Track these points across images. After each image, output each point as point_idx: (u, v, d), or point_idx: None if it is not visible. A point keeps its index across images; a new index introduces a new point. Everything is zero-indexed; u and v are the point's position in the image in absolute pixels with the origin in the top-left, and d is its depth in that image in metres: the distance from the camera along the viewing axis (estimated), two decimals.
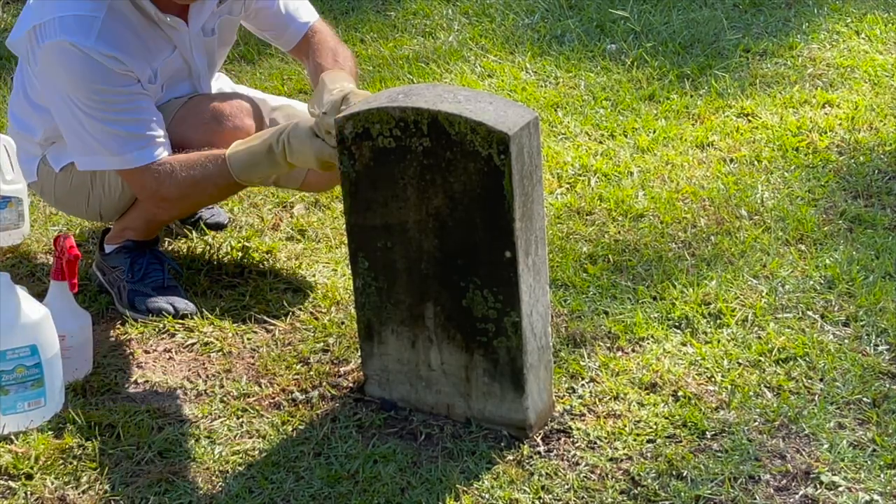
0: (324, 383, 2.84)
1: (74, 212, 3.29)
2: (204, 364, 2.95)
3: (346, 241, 2.89)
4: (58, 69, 2.89)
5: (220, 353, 2.98)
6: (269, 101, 3.32)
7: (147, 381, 2.89)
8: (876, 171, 3.65)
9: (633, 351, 2.91)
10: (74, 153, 3.00)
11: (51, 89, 2.94)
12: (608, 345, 2.93)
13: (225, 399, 2.81)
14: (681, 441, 2.60)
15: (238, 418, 2.74)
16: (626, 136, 3.95)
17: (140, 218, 3.17)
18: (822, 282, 3.12)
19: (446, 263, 2.55)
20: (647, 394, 2.75)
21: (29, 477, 2.58)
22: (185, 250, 3.42)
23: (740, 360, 2.84)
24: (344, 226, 2.78)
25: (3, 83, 4.51)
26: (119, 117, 2.91)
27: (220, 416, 2.75)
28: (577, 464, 2.56)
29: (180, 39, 3.04)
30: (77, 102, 2.89)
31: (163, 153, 2.94)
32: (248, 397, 2.81)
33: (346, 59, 3.18)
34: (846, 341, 2.89)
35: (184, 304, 3.11)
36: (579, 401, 2.73)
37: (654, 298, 3.09)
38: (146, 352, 3.00)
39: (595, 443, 2.61)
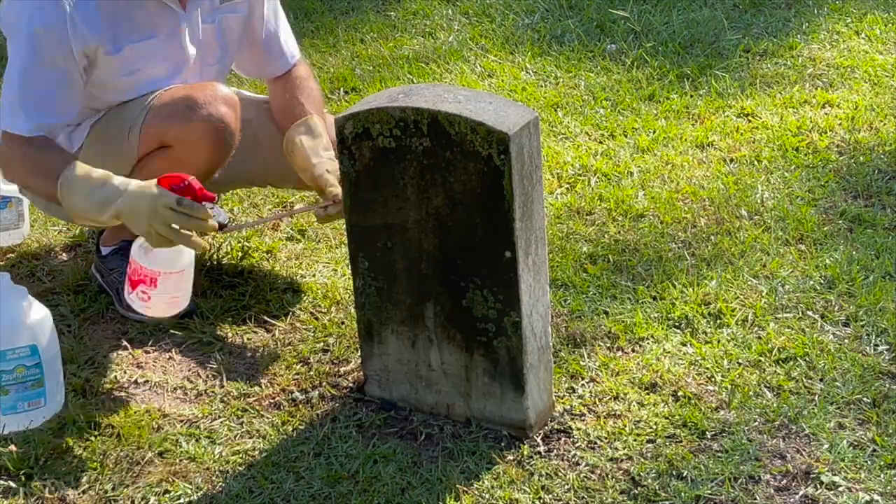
0: (324, 383, 2.84)
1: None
2: (204, 364, 2.95)
3: (346, 241, 2.89)
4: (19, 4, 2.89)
5: (220, 353, 2.98)
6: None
7: (147, 381, 2.89)
8: (876, 171, 3.65)
9: (633, 351, 2.91)
10: None
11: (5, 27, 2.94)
12: (608, 345, 2.93)
13: (225, 399, 2.81)
14: (681, 441, 2.60)
15: (238, 418, 2.74)
16: (626, 136, 3.95)
17: None
18: (822, 282, 3.12)
19: (446, 263, 2.56)
20: (647, 394, 2.75)
21: (29, 477, 2.58)
22: None
23: (740, 360, 2.84)
24: (344, 225, 2.78)
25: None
26: (30, 77, 2.89)
27: (220, 416, 2.75)
28: (577, 464, 2.56)
29: (174, 22, 3.00)
30: (16, 49, 2.89)
31: (32, 131, 2.88)
32: (248, 397, 2.81)
33: (315, 95, 3.18)
34: (846, 341, 2.89)
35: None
36: (579, 401, 2.73)
37: (654, 298, 3.09)
38: (146, 352, 3.00)
39: (595, 443, 2.61)
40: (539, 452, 2.59)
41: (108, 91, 3.01)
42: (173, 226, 2.66)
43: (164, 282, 2.81)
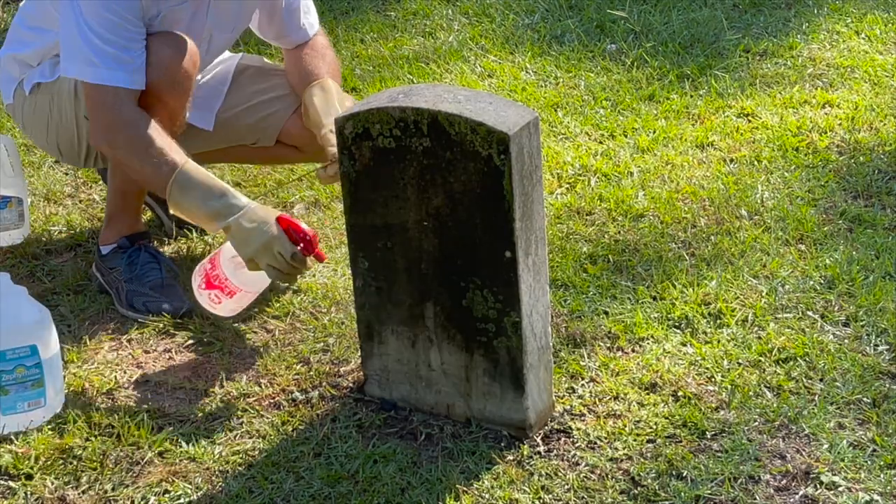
0: (324, 383, 2.84)
1: (39, 141, 3.31)
2: (204, 364, 2.95)
3: (346, 241, 2.89)
4: None
5: (220, 353, 2.98)
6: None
7: (147, 381, 2.89)
8: (876, 171, 3.65)
9: (633, 351, 2.91)
10: (64, 60, 2.99)
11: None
12: (608, 345, 2.93)
13: (225, 399, 2.81)
14: (681, 441, 2.60)
15: (238, 418, 2.74)
16: (626, 136, 3.95)
17: (115, 195, 3.20)
18: (822, 282, 3.12)
19: (446, 263, 2.55)
20: (647, 394, 2.75)
21: (29, 477, 2.58)
22: (185, 250, 3.42)
23: (740, 360, 2.84)
24: (344, 226, 2.78)
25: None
26: (112, 37, 2.90)
27: (220, 416, 2.75)
28: (577, 464, 2.56)
29: None
30: (83, 9, 2.89)
31: (134, 85, 2.92)
32: (248, 397, 2.81)
33: (332, 62, 3.30)
34: (846, 341, 2.89)
35: (182, 304, 3.11)
36: (579, 401, 2.73)
37: (654, 298, 3.09)
38: (146, 352, 3.00)
39: (595, 443, 2.61)
40: (539, 452, 2.59)
41: None
42: (275, 267, 2.82)
43: (240, 297, 2.99)
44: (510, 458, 2.57)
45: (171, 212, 3.00)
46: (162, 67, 2.95)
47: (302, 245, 2.82)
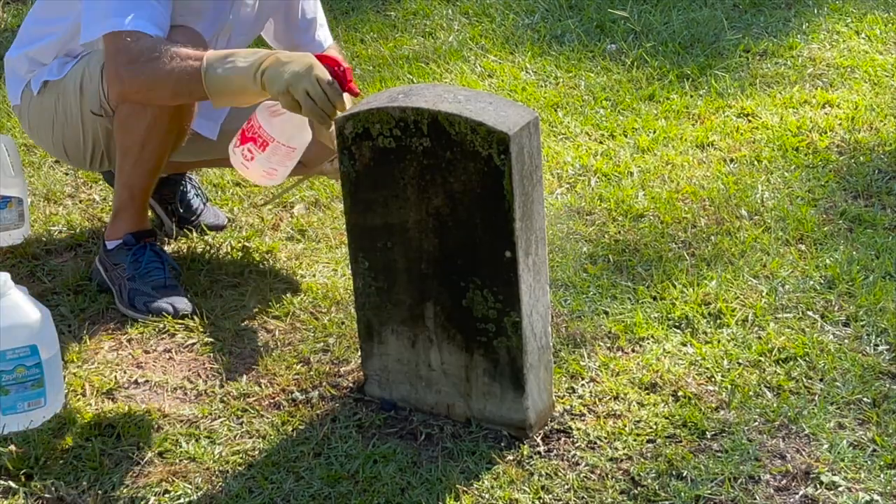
0: (324, 383, 2.84)
1: (45, 143, 3.30)
2: (204, 364, 2.95)
3: (346, 241, 2.89)
4: None
5: (220, 353, 2.98)
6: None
7: (147, 381, 2.89)
8: (876, 171, 3.66)
9: (633, 351, 2.91)
10: (86, 27, 2.97)
11: None
12: (608, 345, 2.93)
13: (225, 399, 2.81)
14: (681, 441, 2.60)
15: (238, 418, 2.74)
16: (626, 136, 3.95)
17: (122, 191, 3.17)
18: (822, 282, 3.12)
19: (446, 263, 2.55)
20: (647, 394, 2.75)
21: (29, 477, 2.58)
22: (185, 250, 3.42)
23: (740, 360, 2.84)
24: (344, 226, 2.78)
25: (3, 83, 4.51)
26: None
27: (220, 416, 2.75)
28: (577, 464, 2.56)
29: None
30: None
31: (155, 30, 2.89)
32: (248, 397, 2.81)
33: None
34: (846, 341, 2.89)
35: (183, 304, 3.11)
36: (579, 401, 2.73)
37: (654, 298, 3.09)
38: (146, 352, 3.00)
39: (595, 443, 2.61)
40: (539, 452, 2.59)
41: None
42: (311, 95, 2.70)
43: (273, 150, 2.88)
44: (510, 458, 2.57)
45: (216, 105, 2.94)
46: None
47: (336, 76, 2.73)
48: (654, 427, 2.64)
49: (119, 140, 3.09)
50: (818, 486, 2.47)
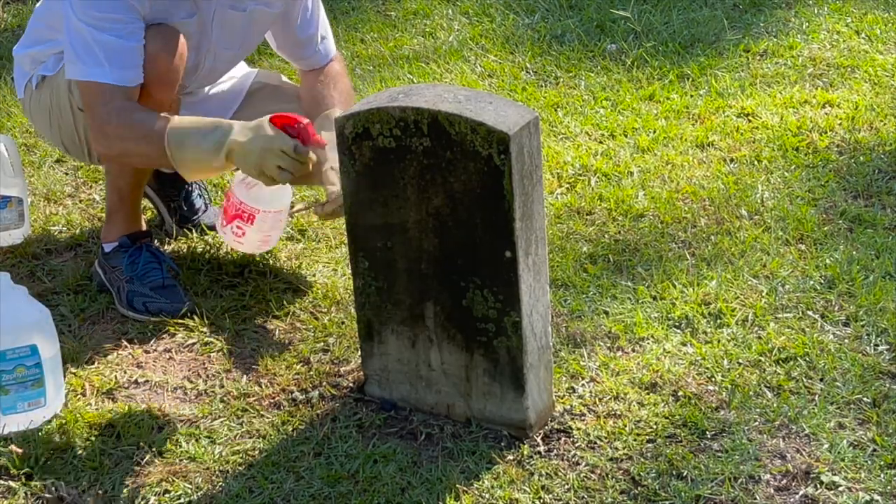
0: (324, 383, 2.84)
1: (45, 134, 3.31)
2: (204, 364, 2.95)
3: (346, 241, 2.89)
4: None
5: (220, 353, 2.98)
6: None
7: (147, 381, 2.89)
8: (876, 171, 3.65)
9: (633, 351, 2.91)
10: (66, 61, 2.99)
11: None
12: (608, 345, 2.93)
13: (225, 399, 2.81)
14: (681, 441, 2.60)
15: (238, 418, 2.74)
16: (626, 136, 3.95)
17: (112, 194, 3.20)
18: (822, 282, 3.12)
19: (446, 263, 2.55)
20: (648, 394, 2.75)
21: (29, 477, 2.58)
22: (185, 250, 3.42)
23: (740, 360, 2.84)
24: (344, 225, 2.78)
25: (4, 83, 4.51)
26: (103, 36, 2.89)
27: (220, 416, 2.75)
28: (577, 464, 2.56)
29: (206, 5, 3.03)
30: (77, 10, 2.90)
31: (126, 83, 2.91)
32: (248, 397, 2.81)
33: (346, 91, 3.25)
34: (846, 341, 2.89)
35: (182, 304, 3.11)
36: (579, 401, 2.73)
37: (654, 298, 3.09)
38: (146, 352, 3.00)
39: (595, 443, 2.61)
40: (539, 452, 2.59)
41: None
42: (283, 168, 2.76)
43: (261, 220, 2.93)
44: (510, 457, 2.57)
45: (189, 179, 2.99)
46: (148, 61, 2.94)
47: (298, 136, 2.76)
48: (655, 427, 2.64)
49: None
50: (818, 485, 2.47)
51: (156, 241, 3.44)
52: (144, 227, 3.27)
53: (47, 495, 2.53)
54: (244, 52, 3.28)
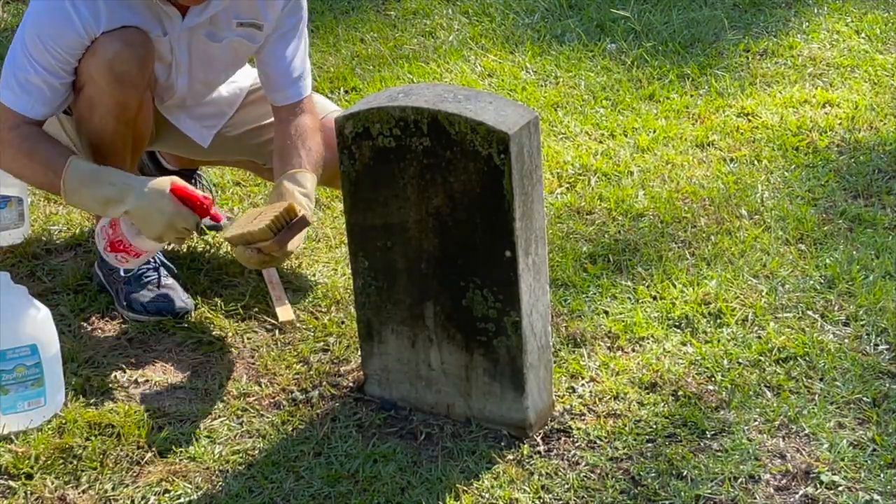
0: (324, 383, 2.84)
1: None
2: (204, 364, 2.95)
3: (346, 241, 2.89)
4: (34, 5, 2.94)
5: (220, 353, 2.98)
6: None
7: (147, 381, 2.89)
8: (876, 171, 3.65)
9: (633, 350, 2.91)
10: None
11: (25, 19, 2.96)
12: (608, 344, 2.93)
13: (225, 399, 2.81)
14: (681, 441, 2.60)
15: (238, 418, 2.74)
16: (626, 136, 3.95)
17: None
18: (822, 281, 3.12)
19: (446, 263, 2.55)
20: (647, 393, 2.75)
21: (29, 477, 2.58)
22: (185, 250, 3.42)
23: (740, 360, 2.84)
24: (344, 225, 2.78)
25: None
26: (36, 66, 2.89)
27: (220, 416, 2.75)
28: (577, 463, 2.56)
29: (172, 28, 3.01)
30: (25, 32, 2.91)
31: (31, 113, 2.91)
32: (248, 397, 2.81)
33: (316, 152, 3.10)
34: (846, 341, 2.89)
35: (182, 304, 3.11)
36: (579, 400, 2.73)
37: (654, 298, 3.09)
38: (146, 352, 3.00)
39: (595, 442, 2.61)
40: (539, 452, 2.59)
41: None
42: (179, 238, 2.87)
43: (145, 257, 2.98)
44: (510, 457, 2.57)
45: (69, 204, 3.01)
46: (104, 60, 2.90)
47: (197, 211, 2.83)
48: (654, 427, 2.64)
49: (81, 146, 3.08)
50: (818, 485, 2.47)
51: None
52: None
53: (47, 495, 2.53)
54: (226, 76, 3.22)
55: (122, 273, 3.13)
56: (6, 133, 2.93)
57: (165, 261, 3.24)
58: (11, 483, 2.56)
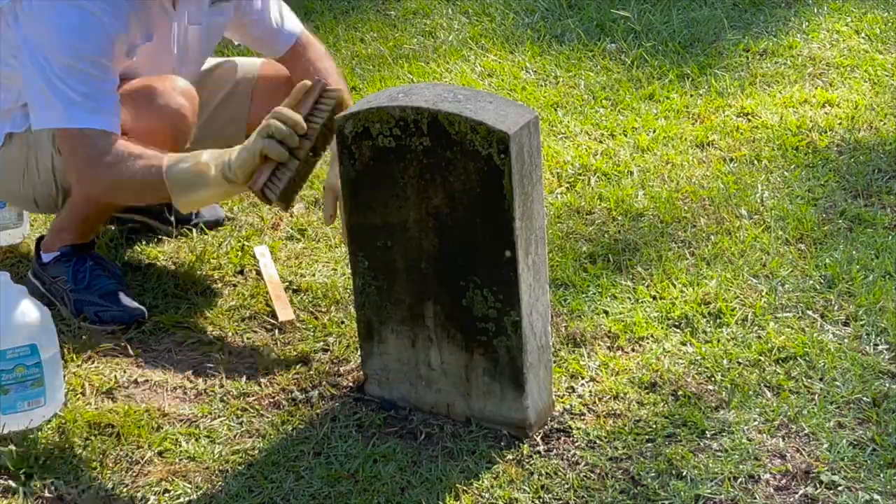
0: (324, 383, 2.84)
1: (12, 194, 3.20)
2: (204, 364, 2.95)
3: (346, 241, 2.89)
4: (42, 22, 2.84)
5: (220, 352, 2.98)
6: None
7: (147, 381, 2.89)
8: (876, 171, 3.66)
9: (633, 350, 2.91)
10: (32, 111, 2.91)
11: (27, 44, 2.86)
12: (608, 344, 2.93)
13: (225, 399, 2.81)
14: (680, 440, 2.60)
15: (238, 418, 2.75)
16: (625, 136, 3.95)
17: (75, 216, 3.10)
18: (821, 281, 3.12)
19: (446, 263, 2.55)
20: (647, 393, 2.75)
21: (29, 477, 2.58)
22: (185, 249, 3.42)
23: (740, 360, 2.84)
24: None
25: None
26: (81, 83, 2.83)
27: (220, 416, 2.75)
28: (577, 463, 2.56)
29: (166, 22, 3.00)
30: (48, 58, 2.82)
31: (107, 127, 2.83)
32: (248, 397, 2.81)
33: (334, 70, 3.26)
34: (846, 341, 2.89)
35: (134, 310, 3.06)
36: (579, 400, 2.73)
37: (654, 298, 3.09)
38: (146, 351, 3.00)
39: (595, 442, 2.61)
40: (539, 452, 2.59)
41: None
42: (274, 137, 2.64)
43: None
44: (510, 457, 2.57)
45: (184, 211, 2.89)
46: (167, 116, 2.92)
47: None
48: (654, 426, 2.64)
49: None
50: (818, 485, 2.47)
51: (155, 240, 3.45)
52: (89, 239, 3.17)
53: (47, 495, 2.53)
54: (200, 66, 3.25)
55: (69, 281, 3.05)
56: (90, 151, 2.82)
57: (114, 265, 3.18)
58: (11, 483, 2.56)
